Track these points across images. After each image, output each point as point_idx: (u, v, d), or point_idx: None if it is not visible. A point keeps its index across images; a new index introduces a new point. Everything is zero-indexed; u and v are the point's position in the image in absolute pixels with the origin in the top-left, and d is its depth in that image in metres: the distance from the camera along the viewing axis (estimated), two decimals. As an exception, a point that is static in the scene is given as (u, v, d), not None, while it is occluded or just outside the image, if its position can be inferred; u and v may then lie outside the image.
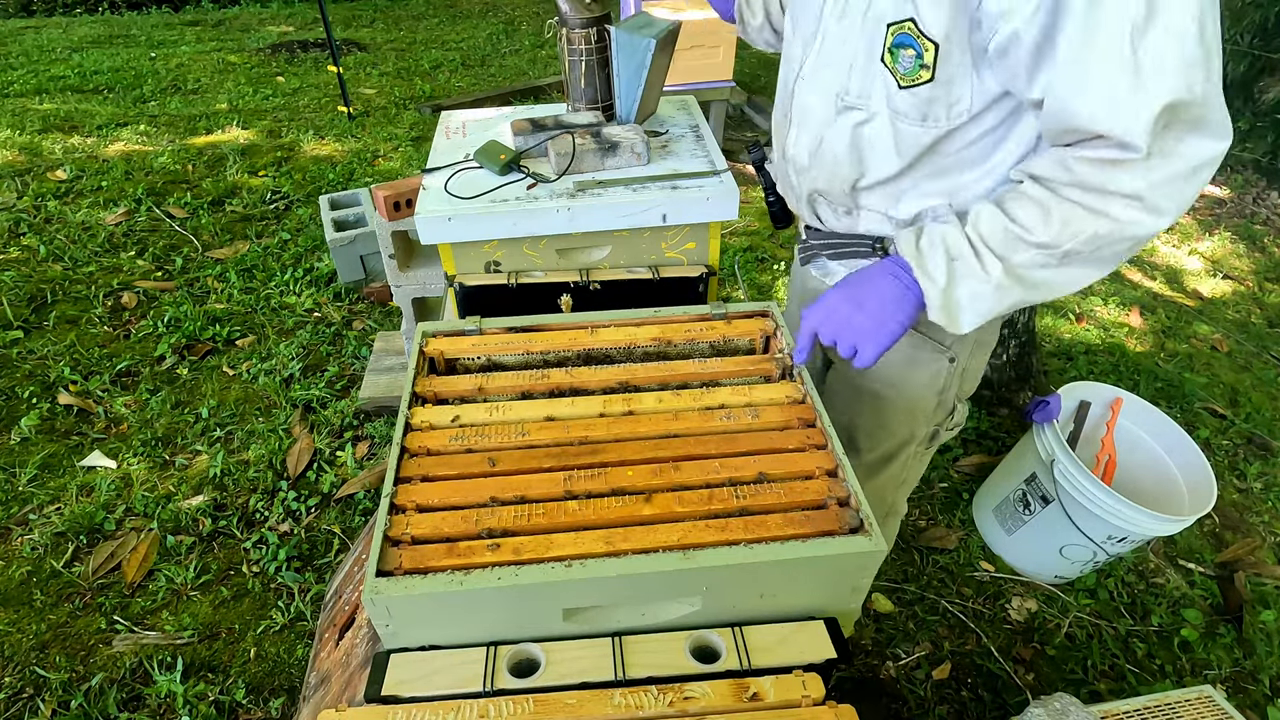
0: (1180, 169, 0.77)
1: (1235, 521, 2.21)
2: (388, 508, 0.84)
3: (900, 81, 0.93)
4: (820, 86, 1.03)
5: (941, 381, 1.21)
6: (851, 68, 0.98)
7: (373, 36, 6.61)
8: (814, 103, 1.05)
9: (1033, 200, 0.86)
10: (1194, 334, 3.06)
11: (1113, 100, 0.75)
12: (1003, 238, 0.88)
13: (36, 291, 2.93)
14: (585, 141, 1.57)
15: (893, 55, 0.92)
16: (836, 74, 1.00)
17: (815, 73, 1.03)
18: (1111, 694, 1.74)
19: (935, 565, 2.02)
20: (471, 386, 1.05)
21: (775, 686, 0.77)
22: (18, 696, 1.65)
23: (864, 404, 1.28)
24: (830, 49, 1.00)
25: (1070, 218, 0.83)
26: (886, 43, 0.92)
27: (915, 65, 0.90)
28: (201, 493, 2.14)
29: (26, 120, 4.50)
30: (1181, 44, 0.72)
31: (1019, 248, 0.87)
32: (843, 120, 1.02)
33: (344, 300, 2.98)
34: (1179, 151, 0.76)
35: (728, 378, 1.09)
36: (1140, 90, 0.73)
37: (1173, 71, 0.72)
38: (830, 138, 1.05)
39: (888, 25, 0.91)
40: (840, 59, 0.99)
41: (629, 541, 0.80)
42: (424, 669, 0.78)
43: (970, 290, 0.91)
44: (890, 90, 0.95)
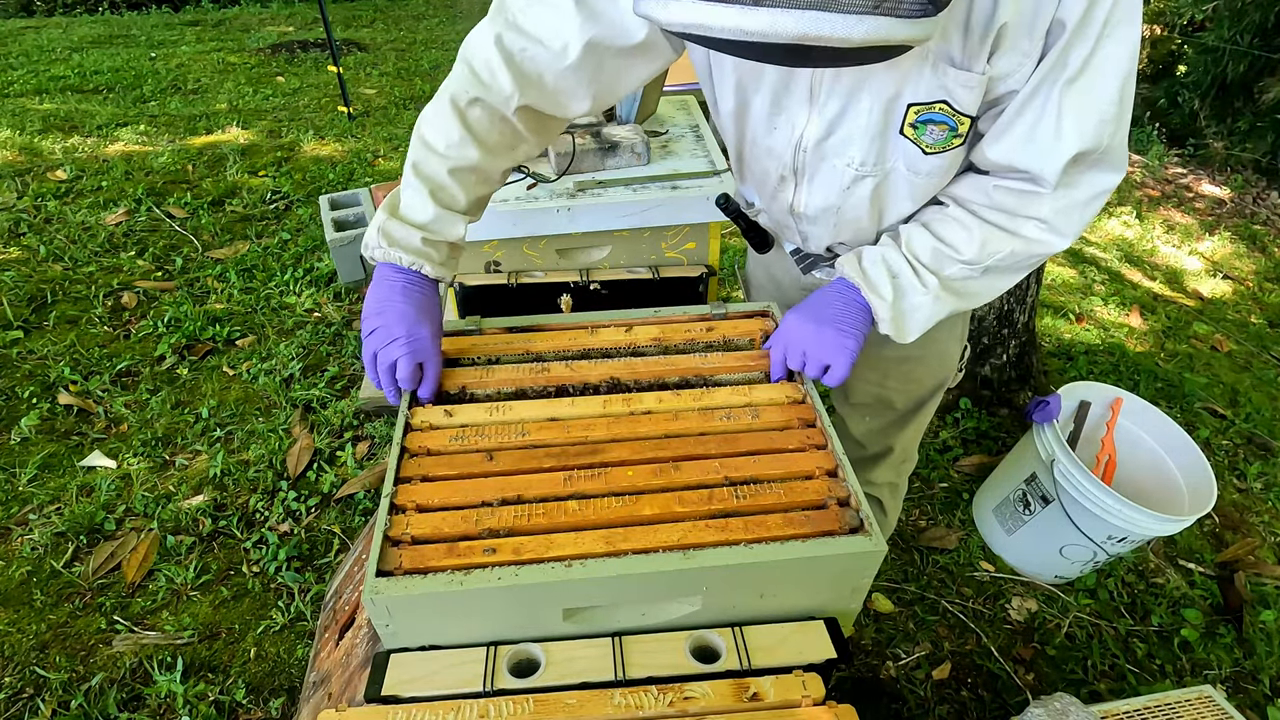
0: (1080, 198, 0.92)
1: (1235, 521, 2.21)
2: (388, 508, 0.84)
3: (926, 150, 0.95)
4: (830, 154, 1.01)
5: (961, 328, 1.33)
6: (865, 139, 0.96)
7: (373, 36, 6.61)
8: (824, 169, 1.03)
9: (957, 222, 0.99)
10: (1194, 334, 3.06)
11: (1033, 151, 0.88)
12: (932, 255, 0.99)
13: (36, 291, 2.93)
14: (585, 141, 1.57)
15: (916, 130, 0.93)
16: (847, 144, 0.98)
17: (821, 142, 1.00)
18: (1111, 694, 1.74)
19: (935, 565, 2.02)
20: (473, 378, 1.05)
21: (775, 686, 0.77)
22: (18, 696, 1.65)
23: (891, 370, 1.34)
24: (835, 119, 0.96)
25: (989, 238, 0.97)
26: (908, 119, 0.92)
27: (947, 137, 0.94)
28: (201, 493, 2.14)
29: (26, 120, 4.50)
30: (1100, 106, 0.84)
31: (947, 264, 0.99)
32: (858, 188, 1.02)
33: (344, 300, 2.98)
34: (1080, 183, 0.91)
35: (727, 372, 1.09)
36: (1059, 142, 0.86)
37: (1090, 128, 0.85)
38: (848, 204, 1.05)
39: (909, 104, 0.91)
40: (850, 130, 0.96)
41: (629, 541, 0.80)
42: (424, 669, 0.78)
43: (912, 303, 1.01)
44: (912, 157, 0.96)
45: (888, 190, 1.03)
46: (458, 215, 1.01)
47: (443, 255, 1.02)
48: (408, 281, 0.99)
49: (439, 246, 1.01)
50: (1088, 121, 0.85)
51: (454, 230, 1.01)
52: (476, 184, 1.03)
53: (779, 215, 1.17)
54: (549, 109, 1.02)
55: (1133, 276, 3.45)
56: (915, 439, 1.50)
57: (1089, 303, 3.19)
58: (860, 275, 1.02)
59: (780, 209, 1.15)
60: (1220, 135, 4.59)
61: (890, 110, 0.92)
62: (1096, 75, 0.83)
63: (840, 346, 1.00)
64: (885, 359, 1.32)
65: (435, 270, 1.00)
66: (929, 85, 0.88)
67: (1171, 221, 3.99)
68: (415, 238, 0.98)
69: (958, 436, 2.41)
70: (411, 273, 0.99)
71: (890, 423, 1.42)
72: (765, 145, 1.07)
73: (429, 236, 0.99)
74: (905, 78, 0.89)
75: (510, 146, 1.04)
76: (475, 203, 1.05)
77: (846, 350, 1.00)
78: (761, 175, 1.13)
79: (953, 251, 0.98)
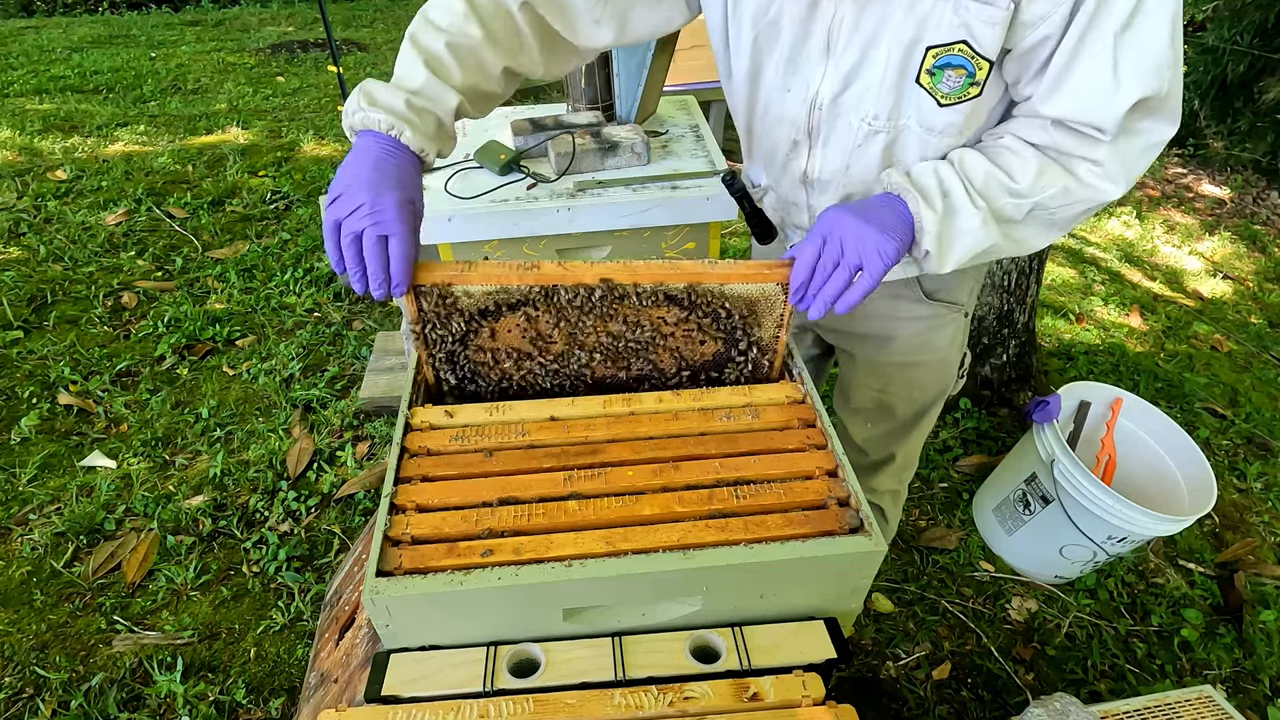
0: (1136, 148, 0.91)
1: (1235, 521, 2.21)
2: (388, 508, 0.84)
3: (941, 100, 0.94)
4: (845, 110, 1.00)
5: (962, 336, 1.31)
6: (880, 90, 0.96)
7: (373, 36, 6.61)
8: (839, 127, 1.02)
9: (1015, 152, 0.95)
10: (1194, 334, 3.06)
11: (1094, 100, 0.86)
12: (985, 179, 0.94)
13: (36, 291, 2.93)
14: (585, 141, 1.57)
15: (933, 76, 0.92)
16: (863, 98, 0.97)
17: (837, 97, 1.00)
18: (1111, 694, 1.74)
19: (935, 565, 2.02)
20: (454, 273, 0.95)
21: (775, 686, 0.77)
22: (18, 696, 1.65)
23: (893, 376, 1.33)
24: (851, 70, 0.96)
25: (1044, 169, 0.93)
26: (925, 65, 0.91)
27: (964, 84, 0.92)
28: (201, 493, 2.14)
29: (26, 120, 4.50)
30: (1155, 50, 0.83)
31: (998, 193, 0.94)
32: (870, 144, 1.01)
33: (344, 300, 2.98)
34: (1139, 131, 0.90)
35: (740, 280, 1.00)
36: (1118, 90, 0.85)
37: (1148, 72, 0.84)
38: (859, 163, 1.04)
39: (928, 48, 0.90)
40: (866, 82, 0.96)
41: (629, 541, 0.80)
42: (424, 669, 0.78)
43: (961, 225, 0.95)
44: (925, 110, 0.95)
45: (899, 149, 1.01)
46: (450, 89, 0.93)
47: (428, 127, 0.91)
48: (383, 149, 0.88)
49: (424, 116, 0.91)
50: (1145, 67, 0.83)
51: (444, 101, 0.93)
52: (474, 69, 0.96)
53: (788, 190, 1.16)
54: (553, 18, 1.00)
55: (1133, 277, 3.45)
56: (917, 447, 1.50)
57: (1089, 303, 3.19)
58: (909, 185, 0.95)
59: (791, 181, 1.13)
60: (1220, 135, 4.59)
61: (908, 57, 0.91)
62: (1147, 20, 0.82)
63: (879, 248, 0.91)
64: (887, 365, 1.32)
65: (417, 139, 0.89)
66: (949, 25, 0.87)
67: (1172, 221, 3.99)
68: (399, 100, 0.89)
69: (958, 436, 2.41)
70: (388, 139, 0.88)
71: (892, 430, 1.42)
72: (778, 112, 1.05)
73: (415, 101, 0.90)
74: (925, 21, 0.88)
75: (512, 44, 0.99)
76: (471, 88, 0.96)
77: (885, 254, 0.91)
78: (771, 147, 1.12)
79: (1006, 179, 0.93)
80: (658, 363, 1.05)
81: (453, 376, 1.03)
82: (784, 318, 1.02)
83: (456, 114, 0.96)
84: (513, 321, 0.99)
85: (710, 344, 1.04)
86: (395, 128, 0.88)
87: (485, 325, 0.99)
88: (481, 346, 1.01)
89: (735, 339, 1.04)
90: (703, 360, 1.05)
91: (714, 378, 1.07)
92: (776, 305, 1.01)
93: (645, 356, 1.04)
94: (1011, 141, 0.96)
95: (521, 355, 1.02)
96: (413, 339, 1.00)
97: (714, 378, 1.07)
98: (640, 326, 1.01)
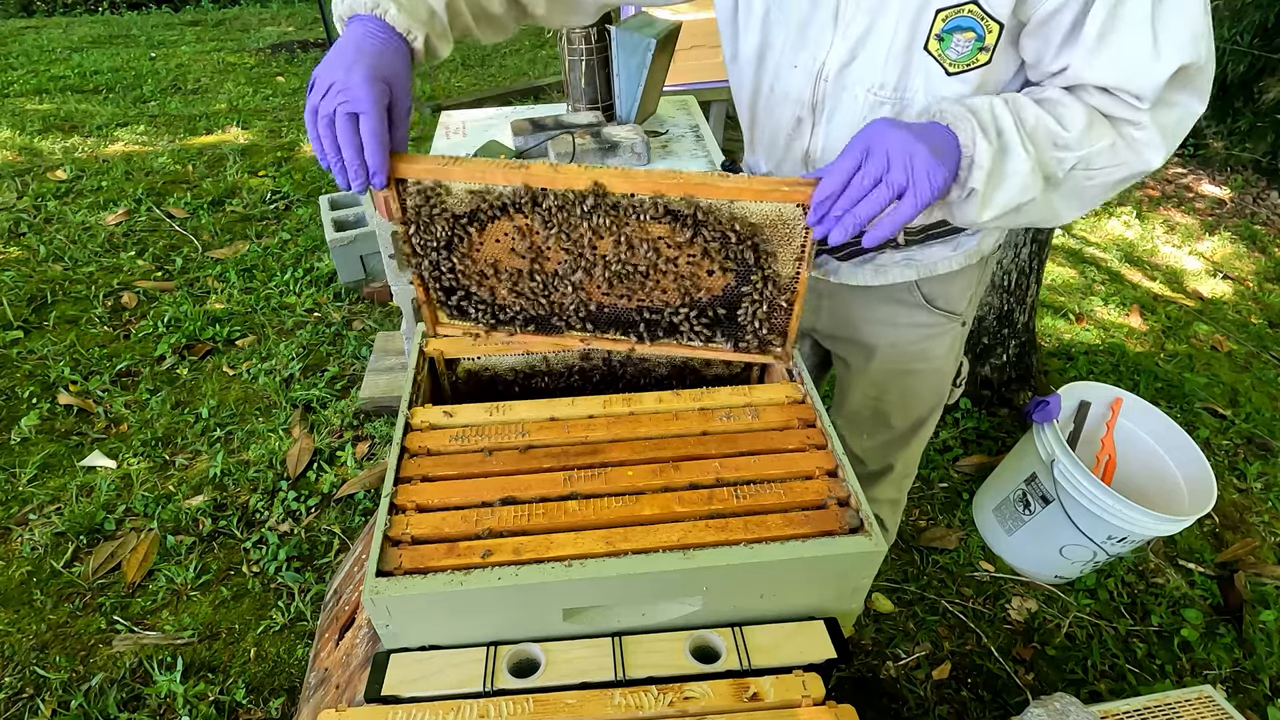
0: (1170, 120, 0.89)
1: (1235, 521, 2.21)
2: (388, 508, 0.84)
3: (949, 68, 0.92)
4: (851, 82, 0.98)
5: (959, 346, 1.30)
6: (888, 58, 0.94)
7: (373, 36, 6.60)
8: (845, 100, 1.00)
9: (1062, 104, 0.90)
10: (1194, 334, 3.06)
11: (1135, 68, 0.84)
12: (1035, 123, 0.88)
13: (36, 291, 2.93)
14: (585, 141, 1.58)
15: (942, 41, 0.90)
16: (869, 67, 0.95)
17: (844, 68, 0.97)
18: (1111, 694, 1.74)
19: (935, 565, 2.02)
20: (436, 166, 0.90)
21: (775, 686, 0.76)
22: (18, 696, 1.65)
23: (889, 385, 1.32)
24: (859, 40, 0.94)
25: (1094, 122, 0.89)
26: (934, 29, 0.89)
27: (973, 49, 0.90)
28: (201, 493, 2.14)
29: (26, 120, 4.50)
30: (1191, 18, 0.82)
31: (1046, 142, 0.88)
32: (876, 116, 0.97)
33: (344, 300, 2.98)
34: (1174, 103, 0.88)
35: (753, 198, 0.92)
36: (1158, 59, 0.83)
37: (1186, 42, 0.83)
38: None
39: (937, 11, 0.88)
40: (873, 50, 0.94)
41: (629, 541, 0.80)
42: (424, 669, 0.78)
43: (1012, 167, 0.87)
44: (933, 79, 0.93)
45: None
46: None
47: (418, 11, 0.88)
48: (365, 31, 0.84)
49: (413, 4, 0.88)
50: (1183, 35, 0.82)
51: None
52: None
53: (791, 171, 1.14)
54: None
55: (1133, 277, 3.45)
56: (916, 456, 1.50)
57: (1089, 303, 3.19)
58: (967, 114, 0.87)
59: (793, 163, 1.12)
60: (1220, 135, 4.59)
61: (917, 21, 0.90)
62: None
63: (929, 171, 0.80)
64: (882, 373, 1.31)
65: (402, 18, 0.86)
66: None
67: (1172, 222, 3.99)
68: None
69: (958, 436, 2.41)
70: (373, 20, 0.85)
71: (889, 441, 1.42)
72: (783, 90, 1.04)
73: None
74: None
75: None
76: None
77: (934, 180, 0.80)
78: (774, 130, 1.10)
79: (1057, 126, 0.88)
80: (661, 293, 0.96)
81: (443, 293, 0.98)
82: (804, 248, 0.91)
83: (451, 10, 0.93)
84: (500, 230, 0.92)
85: (720, 275, 0.94)
86: (380, 6, 0.85)
87: (472, 232, 0.92)
88: (470, 257, 0.95)
89: (748, 271, 0.93)
90: (710, 294, 0.96)
91: (723, 316, 0.97)
92: (796, 233, 0.89)
93: (647, 285, 0.96)
94: (1057, 93, 0.91)
95: (514, 274, 0.96)
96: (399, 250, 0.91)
97: (723, 316, 0.97)
98: (639, 246, 0.93)
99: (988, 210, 0.87)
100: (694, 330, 0.99)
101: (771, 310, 0.96)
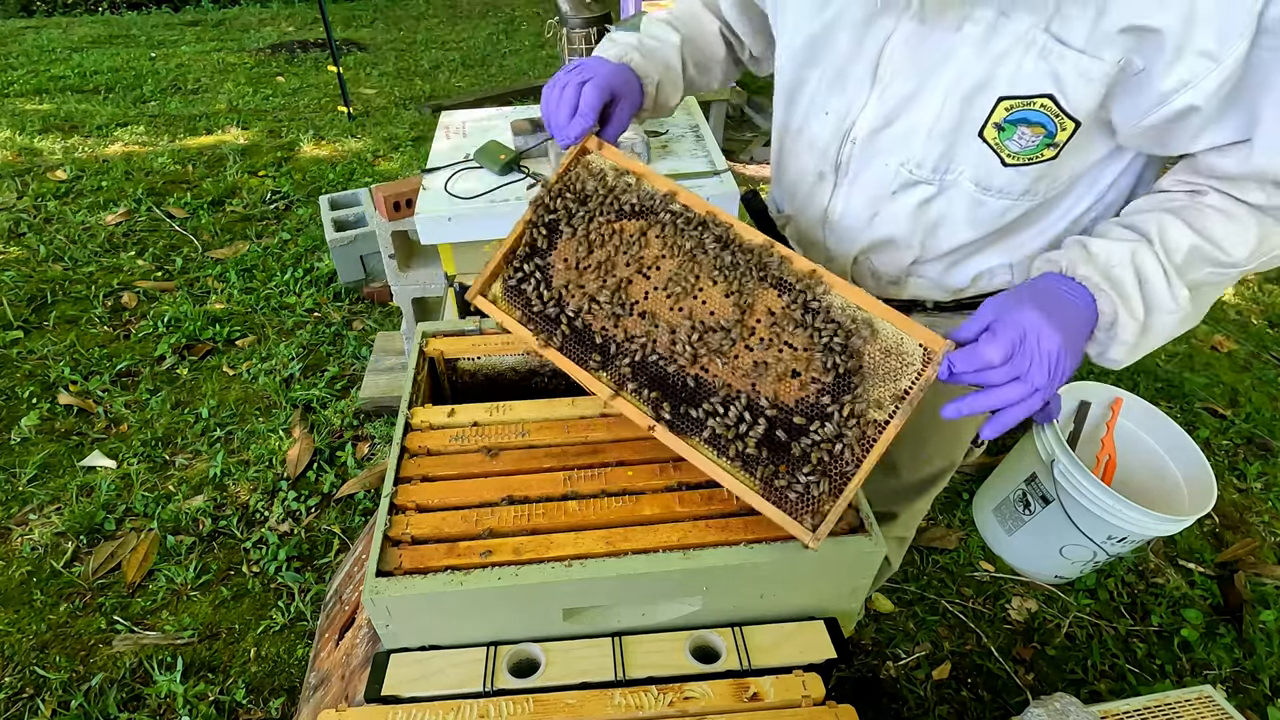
0: None
1: (1235, 521, 2.21)
2: (388, 508, 0.84)
3: (1006, 159, 0.81)
4: (882, 150, 0.88)
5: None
6: (930, 137, 0.83)
7: (373, 36, 6.61)
8: (873, 168, 0.90)
9: (1229, 217, 0.77)
10: (1194, 334, 3.06)
11: None
12: (1187, 256, 0.76)
13: (36, 291, 2.93)
14: (585, 141, 1.57)
15: (1001, 131, 0.79)
16: (906, 141, 0.85)
17: (876, 133, 0.87)
18: (1111, 694, 1.74)
19: (935, 565, 2.02)
20: None
21: (775, 686, 0.77)
22: (18, 696, 1.65)
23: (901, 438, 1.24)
24: (898, 106, 0.84)
25: (1267, 236, 0.77)
26: (993, 117, 0.78)
27: (1039, 145, 0.78)
28: (201, 493, 2.14)
29: (26, 120, 4.50)
30: None
31: (1200, 265, 0.77)
32: (905, 196, 0.89)
33: (344, 300, 2.98)
34: None
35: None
36: None
37: None
38: (888, 213, 0.92)
39: (1000, 99, 0.77)
40: (913, 122, 0.83)
41: (629, 541, 0.80)
42: (424, 669, 0.78)
43: (1156, 324, 0.77)
44: (987, 168, 0.82)
45: (944, 209, 0.88)
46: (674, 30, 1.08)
47: (654, 62, 1.03)
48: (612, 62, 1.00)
49: (652, 55, 1.04)
50: None
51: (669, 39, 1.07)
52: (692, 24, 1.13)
53: (808, 226, 1.05)
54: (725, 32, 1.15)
55: (1133, 276, 3.45)
56: (922, 510, 1.42)
57: (1089, 303, 3.19)
58: (1105, 284, 0.76)
59: (811, 217, 1.03)
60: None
61: (972, 102, 0.78)
62: None
63: (1063, 372, 0.73)
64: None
65: (643, 63, 1.01)
66: (1033, 73, 0.73)
67: (1171, 221, 3.99)
68: (632, 38, 1.04)
69: (958, 436, 2.41)
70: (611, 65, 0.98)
71: (896, 490, 1.34)
72: (809, 136, 0.96)
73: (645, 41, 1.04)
74: (1000, 62, 0.74)
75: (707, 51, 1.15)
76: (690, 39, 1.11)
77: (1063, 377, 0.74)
78: (797, 174, 1.03)
79: (1218, 251, 0.76)
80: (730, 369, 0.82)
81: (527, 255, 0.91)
82: (909, 393, 0.76)
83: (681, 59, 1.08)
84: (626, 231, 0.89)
85: (802, 381, 0.79)
86: (627, 55, 1.00)
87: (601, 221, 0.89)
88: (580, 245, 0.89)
89: (837, 390, 0.78)
90: (777, 399, 0.79)
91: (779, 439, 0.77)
92: (906, 372, 0.77)
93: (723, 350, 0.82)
94: (1220, 201, 0.78)
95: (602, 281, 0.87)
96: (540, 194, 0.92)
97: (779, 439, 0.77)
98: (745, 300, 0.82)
99: (1124, 364, 0.81)
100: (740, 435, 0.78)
101: (836, 458, 0.76)
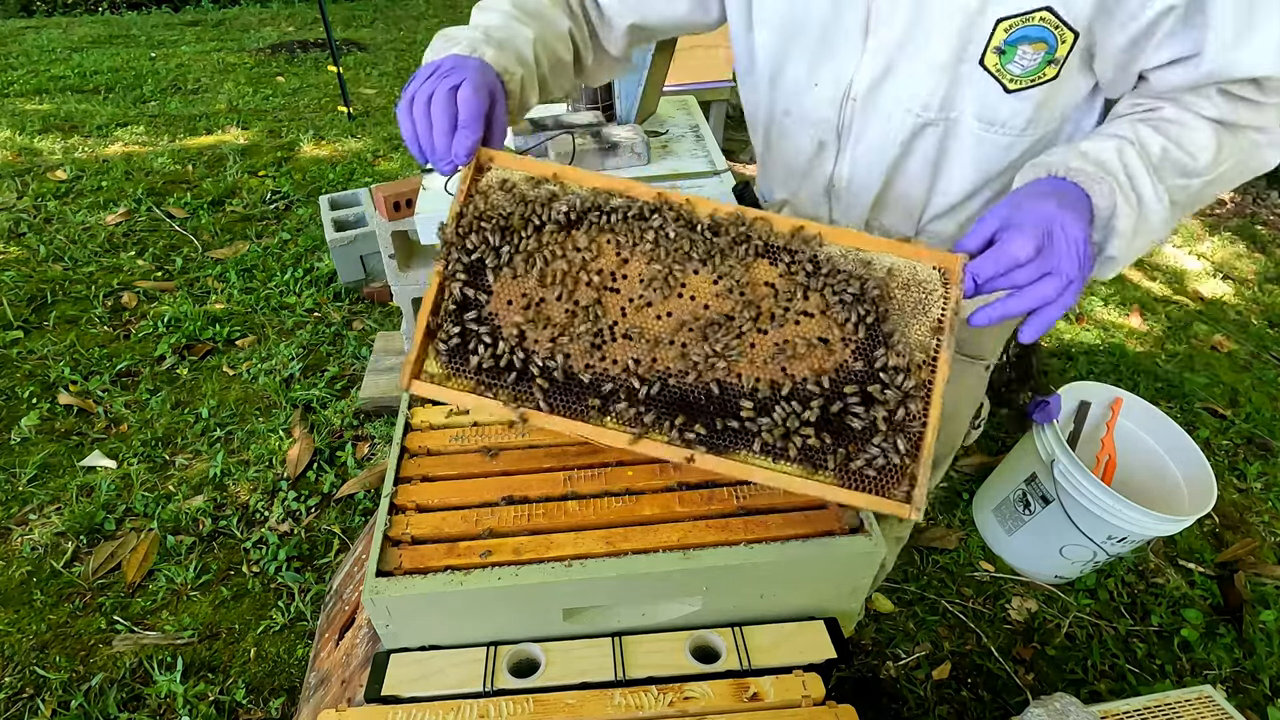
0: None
1: (1235, 521, 2.21)
2: (388, 508, 0.84)
3: (1009, 84, 0.81)
4: (885, 101, 0.87)
5: (980, 388, 1.21)
6: (930, 73, 0.83)
7: (373, 36, 6.61)
8: (875, 122, 0.89)
9: (1187, 126, 0.79)
10: (1194, 334, 3.06)
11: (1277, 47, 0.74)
12: (1161, 157, 0.78)
13: (36, 291, 2.93)
14: (585, 141, 1.58)
15: (1003, 55, 0.79)
16: (909, 84, 0.84)
17: (876, 85, 0.86)
18: (1111, 694, 1.74)
19: (935, 565, 2.02)
20: None
21: (775, 686, 0.76)
22: (18, 696, 1.65)
23: None
24: (895, 51, 0.83)
25: (1223, 144, 0.79)
26: (993, 41, 0.79)
27: (1041, 62, 0.79)
28: (201, 493, 2.14)
29: (26, 120, 4.50)
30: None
31: (1172, 173, 0.78)
32: (921, 141, 0.88)
33: (344, 300, 2.98)
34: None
35: None
36: None
37: None
38: (906, 168, 0.91)
39: (998, 20, 0.77)
40: (913, 63, 0.83)
41: (629, 541, 0.80)
42: (424, 669, 0.78)
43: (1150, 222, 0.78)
44: (988, 97, 0.82)
45: (949, 148, 0.87)
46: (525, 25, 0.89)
47: (509, 54, 0.85)
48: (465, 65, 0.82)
49: (505, 45, 0.86)
50: None
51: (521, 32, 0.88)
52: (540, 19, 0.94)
53: (809, 202, 1.04)
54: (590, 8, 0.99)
55: (1133, 277, 3.44)
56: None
57: (1089, 303, 3.19)
58: (1101, 174, 0.75)
59: (813, 191, 1.01)
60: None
61: (969, 31, 0.79)
62: None
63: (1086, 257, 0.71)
64: None
65: (500, 58, 0.83)
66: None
67: (1171, 221, 3.99)
68: (476, 32, 0.86)
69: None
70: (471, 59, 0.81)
71: None
72: (800, 112, 0.93)
73: (493, 32, 0.86)
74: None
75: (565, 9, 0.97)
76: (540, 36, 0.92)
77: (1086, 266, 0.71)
78: (792, 154, 0.99)
79: (1184, 155, 0.78)
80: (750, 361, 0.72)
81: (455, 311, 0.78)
82: (944, 318, 0.70)
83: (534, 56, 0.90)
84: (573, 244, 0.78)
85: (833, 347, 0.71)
86: (477, 50, 0.83)
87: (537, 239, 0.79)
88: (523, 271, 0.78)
89: (873, 341, 0.71)
90: (821, 372, 0.70)
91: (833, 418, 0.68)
92: (933, 301, 0.71)
93: (735, 348, 0.72)
94: (1176, 113, 0.80)
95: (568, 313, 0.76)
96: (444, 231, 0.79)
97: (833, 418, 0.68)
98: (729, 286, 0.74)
99: (1117, 269, 0.81)
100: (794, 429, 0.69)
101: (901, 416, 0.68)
